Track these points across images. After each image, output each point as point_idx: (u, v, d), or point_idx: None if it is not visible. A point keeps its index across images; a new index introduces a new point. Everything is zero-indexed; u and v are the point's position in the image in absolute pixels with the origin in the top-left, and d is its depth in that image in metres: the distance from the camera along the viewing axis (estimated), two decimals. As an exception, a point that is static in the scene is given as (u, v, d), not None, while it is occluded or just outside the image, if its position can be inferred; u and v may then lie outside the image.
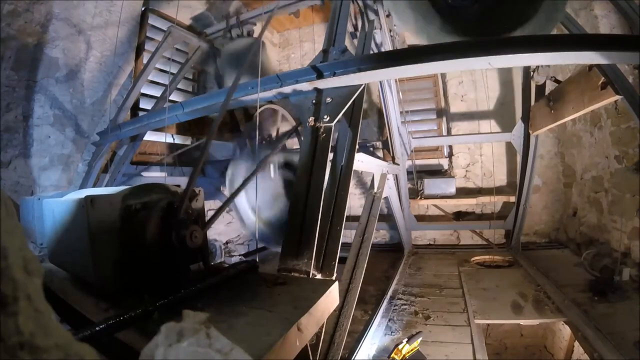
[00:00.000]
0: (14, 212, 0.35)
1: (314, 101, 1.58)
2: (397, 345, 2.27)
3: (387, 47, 3.30)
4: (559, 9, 1.87)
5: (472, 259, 4.02)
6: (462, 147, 5.00)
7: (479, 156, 4.92)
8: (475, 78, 4.83)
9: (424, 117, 5.25)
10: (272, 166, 2.76)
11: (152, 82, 3.56)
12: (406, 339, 2.30)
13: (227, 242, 4.59)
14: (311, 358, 1.01)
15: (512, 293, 2.95)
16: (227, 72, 3.77)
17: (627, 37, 2.04)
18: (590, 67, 2.40)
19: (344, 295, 1.80)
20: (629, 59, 1.42)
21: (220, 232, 4.44)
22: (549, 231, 4.64)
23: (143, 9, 3.43)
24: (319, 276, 1.28)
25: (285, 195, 2.66)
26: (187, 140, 4.25)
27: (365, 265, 2.01)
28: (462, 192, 4.77)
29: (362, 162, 2.33)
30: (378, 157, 3.72)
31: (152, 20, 3.64)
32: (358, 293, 1.85)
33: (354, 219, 2.63)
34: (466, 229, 4.87)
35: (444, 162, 5.14)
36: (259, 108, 3.33)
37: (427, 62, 1.44)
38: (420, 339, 2.33)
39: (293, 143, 4.87)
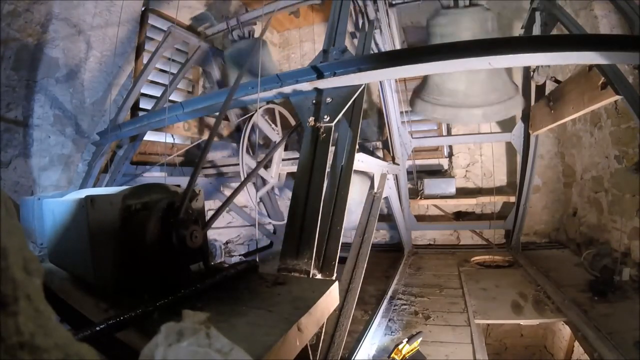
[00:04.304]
0: (14, 212, 0.35)
1: (314, 101, 1.58)
2: (397, 345, 2.27)
3: (387, 47, 3.30)
4: None
5: (472, 259, 4.02)
6: (462, 147, 4.99)
7: (479, 156, 4.92)
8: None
9: (424, 117, 5.25)
10: None
11: (152, 82, 3.56)
12: (406, 339, 2.30)
13: (227, 242, 4.59)
14: (311, 358, 1.01)
15: (512, 293, 2.95)
16: (231, 74, 3.79)
17: (627, 37, 2.04)
18: (590, 67, 2.40)
19: (344, 295, 1.80)
20: (629, 59, 1.41)
21: (220, 232, 4.45)
22: (549, 231, 4.64)
23: (143, 9, 3.43)
24: (319, 276, 1.29)
25: None
26: (187, 141, 4.25)
27: (365, 265, 2.01)
28: (462, 192, 4.77)
29: (362, 162, 2.33)
30: (378, 157, 3.71)
31: (152, 20, 3.64)
32: (358, 293, 1.85)
33: (354, 219, 2.63)
34: (466, 229, 4.87)
35: (444, 162, 5.13)
36: (259, 108, 3.33)
37: (427, 62, 1.44)
38: (420, 339, 2.33)
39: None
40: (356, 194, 2.67)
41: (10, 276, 0.30)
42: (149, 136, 3.46)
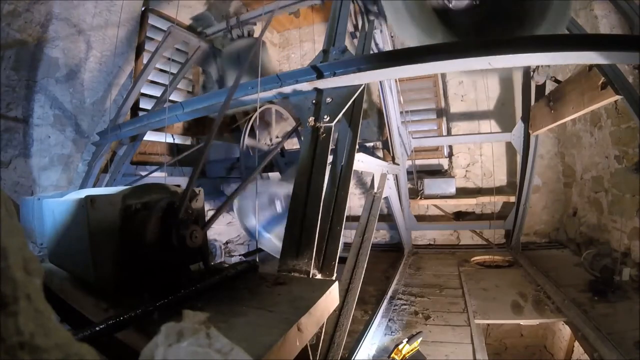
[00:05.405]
0: (14, 212, 0.35)
1: (314, 101, 1.58)
2: (397, 345, 2.27)
3: (387, 47, 3.30)
4: (565, 14, 1.83)
5: (472, 259, 4.02)
6: (462, 147, 4.99)
7: (479, 156, 4.92)
8: (475, 78, 4.82)
9: (424, 117, 5.25)
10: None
11: (152, 82, 3.56)
12: (406, 339, 2.30)
13: (227, 242, 4.59)
14: (311, 358, 1.01)
15: (512, 293, 2.95)
16: (228, 73, 3.80)
17: (627, 37, 2.04)
18: (590, 67, 2.40)
19: (344, 295, 1.80)
20: (629, 59, 1.41)
21: (220, 232, 4.44)
22: (549, 231, 4.64)
23: (143, 9, 3.43)
24: (319, 276, 1.28)
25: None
26: (187, 141, 4.25)
27: (365, 265, 2.01)
28: (462, 192, 4.77)
29: (362, 162, 2.33)
30: (378, 157, 3.72)
31: (152, 20, 3.64)
32: (358, 293, 1.85)
33: (354, 219, 2.63)
34: (466, 229, 4.87)
35: (444, 162, 5.14)
36: (259, 108, 3.33)
37: (427, 62, 1.44)
38: (420, 339, 2.33)
39: (293, 143, 4.88)
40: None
41: (10, 276, 0.30)
42: (149, 136, 3.46)
